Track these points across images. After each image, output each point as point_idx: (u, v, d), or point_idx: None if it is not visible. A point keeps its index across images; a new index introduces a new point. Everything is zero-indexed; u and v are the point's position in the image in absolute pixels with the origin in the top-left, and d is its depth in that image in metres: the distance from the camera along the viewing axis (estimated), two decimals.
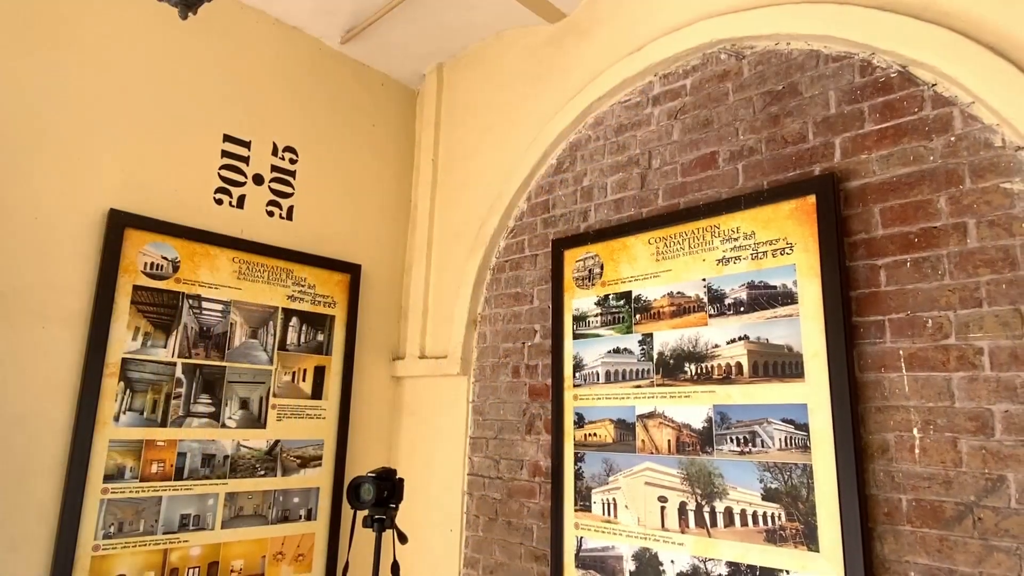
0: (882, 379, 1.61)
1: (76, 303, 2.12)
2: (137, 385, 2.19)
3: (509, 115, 2.79)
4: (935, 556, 1.48)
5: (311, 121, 2.85)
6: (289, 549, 2.49)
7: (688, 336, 1.97)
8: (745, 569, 1.73)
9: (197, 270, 2.38)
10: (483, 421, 2.62)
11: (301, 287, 2.68)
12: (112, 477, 2.11)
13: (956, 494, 1.48)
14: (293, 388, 2.60)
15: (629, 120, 2.35)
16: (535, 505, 2.34)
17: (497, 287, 2.71)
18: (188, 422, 2.29)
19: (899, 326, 1.60)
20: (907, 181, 1.64)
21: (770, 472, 1.72)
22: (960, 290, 1.53)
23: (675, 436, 1.94)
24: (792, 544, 1.66)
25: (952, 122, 1.60)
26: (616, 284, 2.21)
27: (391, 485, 2.04)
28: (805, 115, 1.87)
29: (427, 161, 3.12)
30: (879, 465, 1.59)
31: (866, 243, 1.69)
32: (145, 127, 2.34)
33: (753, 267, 1.86)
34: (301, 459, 2.57)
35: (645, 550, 1.95)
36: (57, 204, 2.11)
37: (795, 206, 1.80)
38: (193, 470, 2.28)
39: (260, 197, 2.64)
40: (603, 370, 2.18)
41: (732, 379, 1.85)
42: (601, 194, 2.38)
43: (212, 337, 2.39)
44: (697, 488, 1.86)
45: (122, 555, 2.11)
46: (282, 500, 2.50)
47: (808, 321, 1.72)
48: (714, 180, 2.05)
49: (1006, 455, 1.43)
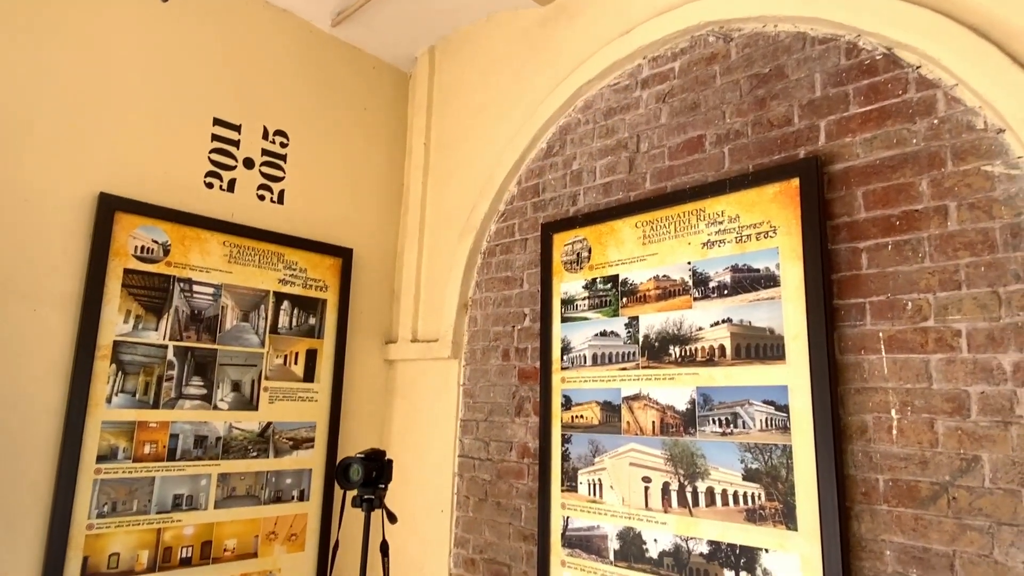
0: (862, 361, 1.63)
1: (67, 286, 2.13)
2: (129, 367, 2.22)
3: (500, 98, 2.79)
4: (910, 535, 1.51)
5: (302, 105, 2.85)
6: (282, 529, 2.53)
7: (673, 319, 1.99)
8: (725, 547, 1.76)
9: (188, 254, 2.39)
10: (473, 404, 2.64)
11: (292, 271, 2.69)
12: (105, 458, 2.14)
13: (932, 474, 1.50)
14: (285, 371, 2.62)
15: (618, 103, 2.34)
16: (523, 486, 2.37)
17: (488, 271, 2.73)
18: (180, 404, 2.32)
19: (879, 308, 1.61)
20: (890, 164, 1.64)
21: (751, 453, 1.74)
22: (940, 273, 1.54)
23: (659, 418, 1.96)
24: (771, 523, 1.68)
25: (936, 104, 1.60)
26: (603, 268, 2.22)
27: (380, 466, 2.06)
28: (791, 98, 1.87)
29: (419, 145, 3.11)
30: (857, 446, 1.61)
31: (848, 226, 1.69)
32: (135, 111, 2.34)
33: (737, 250, 1.87)
34: (293, 441, 2.60)
35: (629, 529, 1.97)
36: (47, 187, 2.12)
37: (779, 189, 1.80)
38: (186, 451, 2.31)
39: (251, 181, 2.64)
40: (590, 353, 2.19)
41: (715, 361, 1.86)
42: (590, 178, 2.38)
43: (203, 320, 2.41)
44: (680, 469, 1.89)
45: (116, 534, 2.14)
46: (275, 481, 2.53)
47: (790, 304, 1.73)
48: (701, 163, 2.06)
49: (981, 436, 1.44)
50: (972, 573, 1.42)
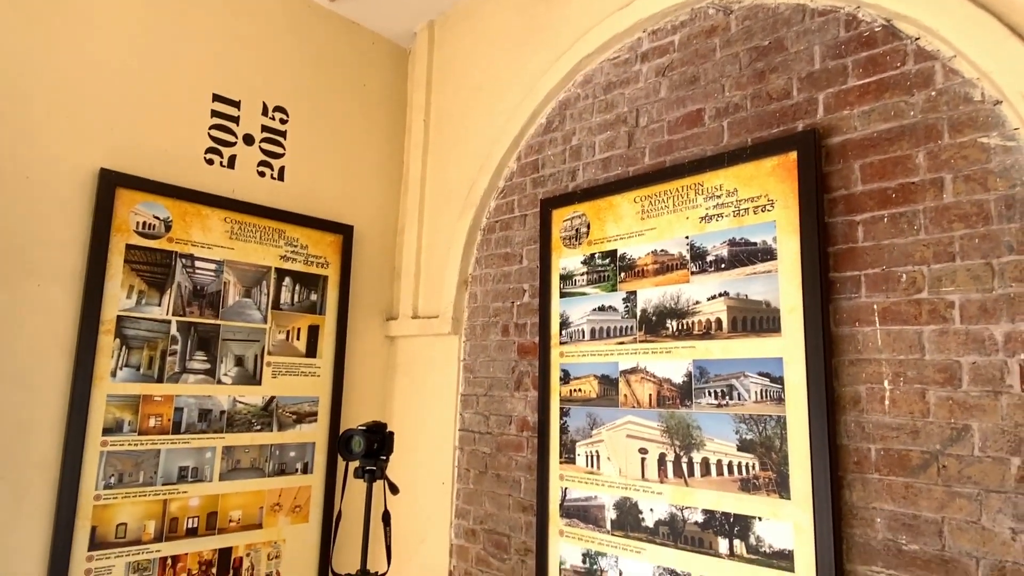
0: (856, 333, 1.64)
1: (70, 261, 2.15)
2: (133, 342, 2.24)
3: (499, 74, 2.78)
4: (900, 502, 1.53)
5: (301, 81, 2.84)
6: (286, 501, 2.57)
7: (670, 293, 2.00)
8: (720, 516, 1.79)
9: (189, 230, 2.41)
10: (473, 379, 2.67)
11: (294, 247, 2.71)
12: (111, 430, 2.18)
13: (923, 443, 1.52)
14: (287, 346, 2.65)
15: (618, 78, 2.33)
16: (523, 458, 2.41)
17: (487, 247, 2.74)
18: (184, 378, 2.35)
19: (874, 281, 1.63)
20: (887, 136, 1.65)
21: (745, 424, 1.77)
22: (935, 245, 1.55)
23: (656, 390, 1.99)
24: (765, 492, 1.71)
25: (934, 76, 1.59)
26: (602, 243, 2.23)
27: (381, 438, 2.10)
28: (790, 71, 1.86)
29: (419, 121, 3.11)
30: (850, 416, 1.63)
31: (845, 199, 1.70)
32: (134, 86, 2.34)
33: (735, 224, 1.88)
34: (297, 415, 2.64)
35: (626, 499, 2.01)
36: (48, 164, 2.13)
37: (777, 163, 1.81)
38: (190, 424, 2.35)
39: (251, 157, 2.65)
40: (588, 328, 2.21)
41: (712, 334, 1.88)
42: (589, 153, 2.38)
43: (206, 296, 2.43)
44: (676, 440, 1.92)
45: (123, 504, 2.19)
46: (278, 454, 2.57)
47: (786, 277, 1.75)
48: (700, 137, 2.05)
49: (972, 405, 1.47)
50: (960, 539, 1.45)
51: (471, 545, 2.53)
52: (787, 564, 1.65)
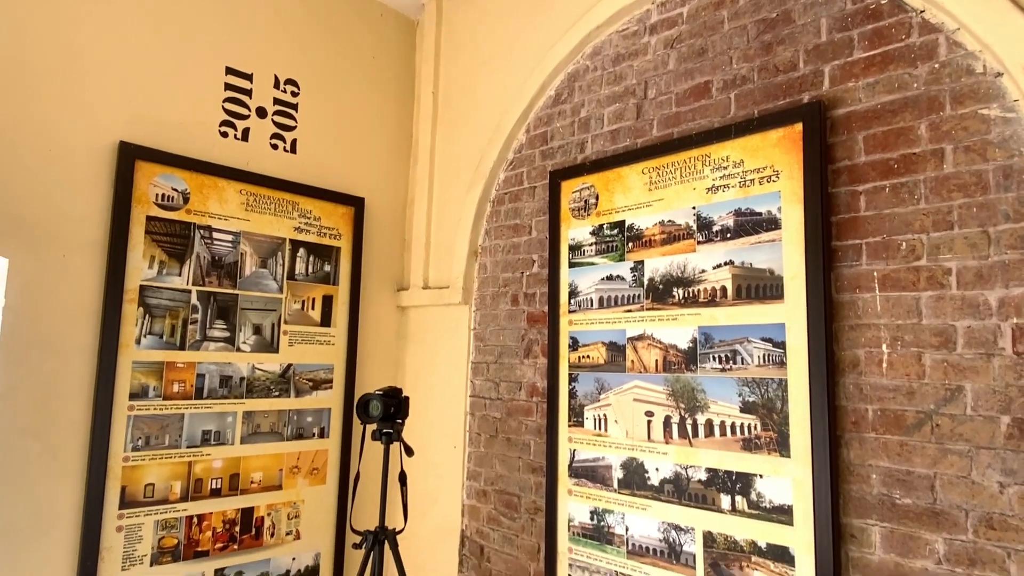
0: (856, 299, 1.71)
1: (93, 232, 2.22)
2: (155, 311, 2.32)
3: (508, 45, 2.80)
4: (895, 459, 1.62)
5: (311, 53, 2.87)
6: (304, 464, 2.68)
7: (677, 262, 2.06)
8: (723, 474, 1.88)
9: (206, 201, 2.47)
10: (484, 347, 2.75)
11: (307, 219, 2.77)
12: (137, 395, 2.26)
13: (918, 403, 1.60)
14: (303, 316, 2.72)
15: (626, 50, 2.36)
16: (532, 422, 2.50)
17: (497, 219, 2.79)
18: (205, 346, 2.43)
19: (875, 249, 1.68)
20: (891, 108, 1.69)
21: (748, 387, 1.85)
22: (934, 214, 1.61)
23: (662, 356, 2.06)
24: (766, 451, 1.80)
25: (937, 49, 1.63)
26: (610, 214, 2.28)
27: (397, 402, 2.19)
28: (797, 43, 1.89)
29: (427, 93, 3.14)
30: (849, 379, 1.70)
31: (849, 170, 1.75)
32: (150, 60, 2.37)
33: (740, 195, 1.93)
34: (313, 382, 2.73)
35: (632, 459, 2.10)
36: (68, 137, 2.18)
37: (783, 134, 1.85)
38: (212, 390, 2.44)
39: (264, 130, 2.69)
40: (597, 296, 2.28)
41: (717, 302, 1.95)
42: (598, 125, 2.42)
43: (224, 266, 2.50)
44: (681, 403, 2.00)
45: (150, 466, 2.28)
46: (296, 419, 2.67)
47: (790, 246, 1.81)
48: (707, 109, 2.10)
49: (965, 367, 1.54)
50: (951, 493, 1.53)
51: (482, 505, 2.64)
52: (786, 518, 1.74)
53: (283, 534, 2.60)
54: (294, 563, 2.63)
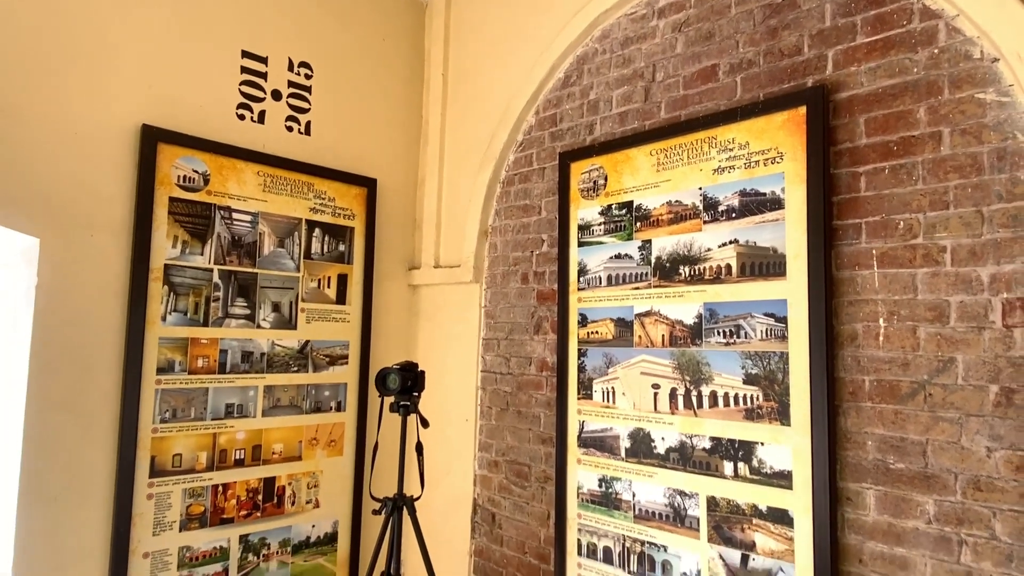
0: (856, 276, 1.79)
1: (119, 213, 2.29)
2: (179, 289, 2.41)
3: (517, 28, 2.85)
4: (890, 427, 1.71)
5: (323, 36, 2.92)
6: (322, 436, 2.78)
7: (683, 241, 2.14)
8: (726, 442, 1.98)
9: (226, 183, 2.54)
10: (494, 324, 2.84)
11: (322, 200, 2.84)
12: (163, 370, 2.36)
13: (912, 374, 1.69)
14: (319, 294, 2.81)
15: (635, 33, 2.42)
16: (542, 396, 2.60)
17: (507, 199, 2.87)
18: (227, 323, 2.52)
19: (874, 228, 1.76)
20: (891, 92, 1.76)
21: (751, 360, 1.94)
22: (931, 194, 1.68)
23: (668, 331, 2.15)
24: (767, 420, 1.90)
25: (937, 35, 1.69)
26: (619, 194, 2.36)
27: (414, 375, 2.28)
28: (802, 28, 1.95)
29: (437, 75, 3.19)
30: (847, 351, 1.79)
31: (850, 152, 1.82)
32: (169, 45, 2.43)
33: (746, 176, 2.01)
34: (330, 357, 2.82)
35: (639, 429, 2.20)
36: (94, 120, 2.25)
37: (787, 117, 1.92)
38: (234, 365, 2.53)
39: (279, 112, 2.75)
40: (605, 274, 2.36)
41: (722, 279, 2.03)
42: (607, 107, 2.48)
43: (244, 246, 2.58)
44: (687, 375, 2.09)
45: (177, 437, 2.39)
46: (314, 393, 2.77)
47: (792, 225, 1.88)
48: (714, 92, 2.16)
49: (957, 339, 1.62)
50: (941, 457, 1.63)
51: (494, 475, 2.75)
52: (786, 483, 1.85)
53: (303, 502, 2.72)
54: (314, 530, 2.75)
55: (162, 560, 2.33)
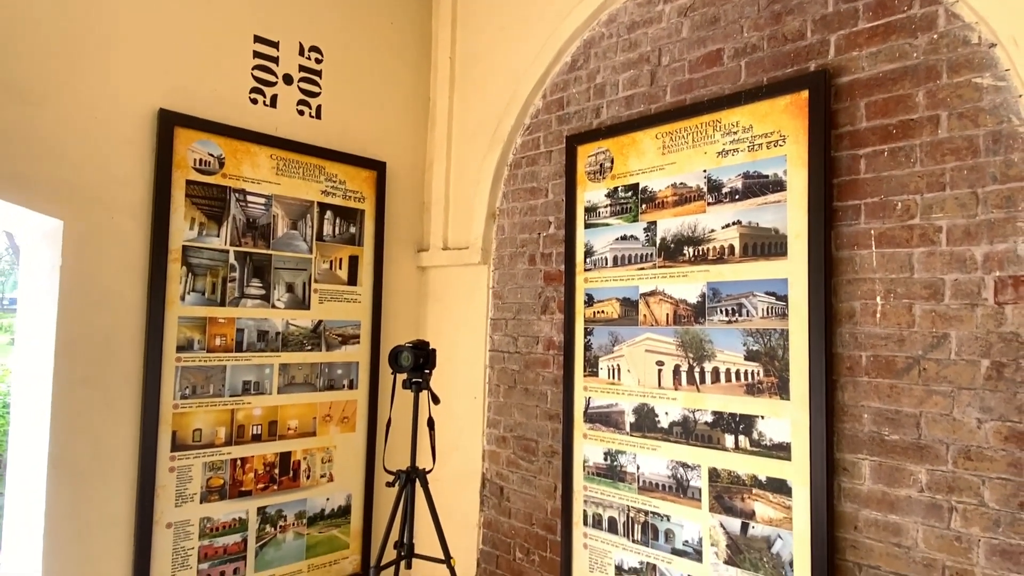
0: (854, 256, 1.85)
1: (137, 195, 2.36)
2: (197, 269, 2.48)
3: (524, 12, 2.88)
4: (885, 400, 1.78)
5: (332, 20, 2.96)
6: (336, 412, 2.87)
7: (688, 223, 2.20)
8: (727, 416, 2.06)
9: (240, 166, 2.60)
10: (502, 304, 2.91)
11: (333, 183, 2.90)
12: (183, 348, 2.44)
13: (907, 350, 1.76)
14: (331, 275, 2.88)
15: (641, 17, 2.45)
16: (549, 374, 2.67)
17: (514, 182, 2.92)
18: (243, 303, 2.60)
19: (872, 209, 1.82)
20: (891, 77, 1.80)
21: (752, 337, 2.01)
22: (928, 176, 1.74)
23: (673, 310, 2.22)
24: (767, 395, 1.97)
25: (937, 20, 1.74)
26: (625, 177, 2.41)
27: (426, 353, 2.36)
28: (805, 13, 1.99)
29: (444, 59, 3.23)
30: (845, 328, 1.86)
31: (851, 135, 1.88)
32: (183, 30, 2.48)
33: (749, 158, 2.06)
34: (342, 337, 2.90)
35: (643, 405, 2.28)
36: (112, 105, 2.30)
37: (790, 101, 1.97)
38: (251, 344, 2.61)
39: (291, 96, 2.80)
40: (611, 255, 2.43)
41: (725, 259, 2.10)
42: (613, 91, 2.53)
43: (258, 228, 2.65)
44: (690, 353, 2.16)
45: (197, 412, 2.47)
46: (327, 371, 2.85)
47: (794, 206, 1.94)
48: (719, 76, 2.20)
49: (951, 316, 1.69)
50: (934, 429, 1.70)
51: (502, 450, 2.84)
52: (785, 454, 1.92)
53: (318, 476, 2.81)
54: (328, 503, 2.84)
55: (184, 530, 2.42)
